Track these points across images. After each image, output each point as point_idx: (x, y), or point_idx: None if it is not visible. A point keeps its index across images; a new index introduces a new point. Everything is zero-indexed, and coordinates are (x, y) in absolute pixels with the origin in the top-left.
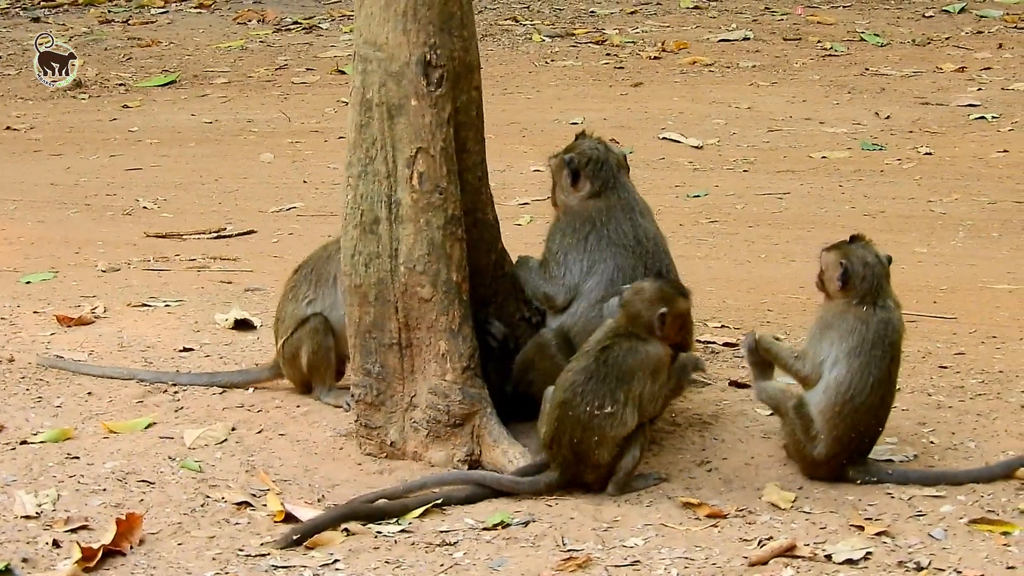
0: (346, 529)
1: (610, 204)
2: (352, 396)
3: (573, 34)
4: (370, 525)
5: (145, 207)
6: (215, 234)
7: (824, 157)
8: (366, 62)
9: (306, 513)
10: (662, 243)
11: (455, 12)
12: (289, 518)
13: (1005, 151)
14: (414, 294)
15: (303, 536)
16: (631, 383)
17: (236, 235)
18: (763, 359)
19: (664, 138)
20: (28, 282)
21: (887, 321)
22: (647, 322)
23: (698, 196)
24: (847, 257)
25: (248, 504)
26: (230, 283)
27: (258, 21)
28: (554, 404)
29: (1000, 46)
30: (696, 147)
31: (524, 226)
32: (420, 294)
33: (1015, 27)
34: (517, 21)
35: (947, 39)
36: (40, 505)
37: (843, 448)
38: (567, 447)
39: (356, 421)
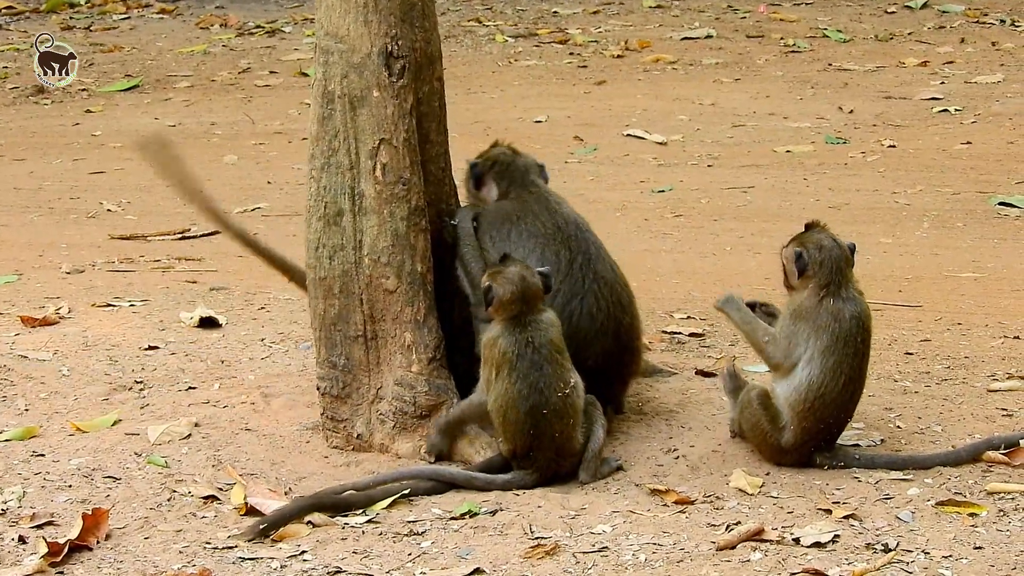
0: (310, 522)
1: (523, 200)
2: (317, 389)
3: (536, 34)
4: (337, 517)
5: (109, 210)
6: (179, 235)
7: (788, 151)
8: (328, 54)
9: (272, 506)
10: (584, 225)
11: (416, 3)
12: (252, 511)
13: (968, 143)
14: (379, 286)
15: (270, 527)
16: (563, 349)
17: (200, 236)
18: (739, 386)
19: (629, 135)
20: None
21: (858, 316)
22: (537, 292)
23: (663, 191)
24: (803, 245)
25: (215, 498)
26: (195, 282)
27: (220, 26)
28: (520, 417)
29: (962, 40)
30: (660, 143)
31: None
32: (385, 285)
33: (976, 21)
34: (480, 22)
35: (909, 34)
36: (6, 502)
37: (811, 438)
38: (548, 448)
39: (322, 414)
